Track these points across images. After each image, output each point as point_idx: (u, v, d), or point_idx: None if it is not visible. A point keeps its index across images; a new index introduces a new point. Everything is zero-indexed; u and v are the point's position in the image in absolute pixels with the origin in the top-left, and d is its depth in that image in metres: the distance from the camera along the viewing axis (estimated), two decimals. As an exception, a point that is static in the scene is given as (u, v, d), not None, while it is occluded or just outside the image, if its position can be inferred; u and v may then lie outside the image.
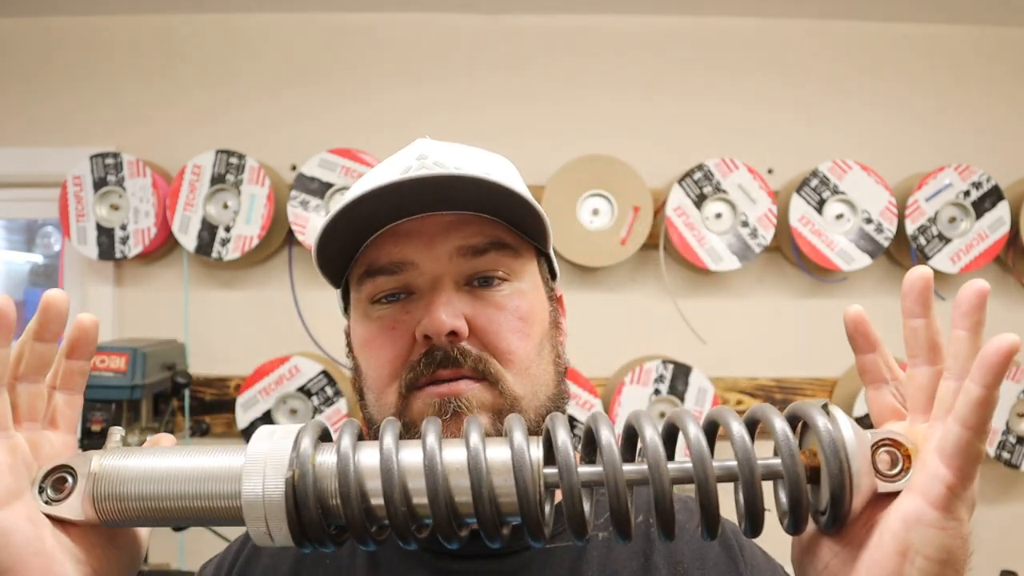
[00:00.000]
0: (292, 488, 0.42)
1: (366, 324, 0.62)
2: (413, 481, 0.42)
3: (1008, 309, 1.83)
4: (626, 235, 1.68)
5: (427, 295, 0.59)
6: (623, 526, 0.40)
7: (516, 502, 0.41)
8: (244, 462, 0.43)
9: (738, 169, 1.68)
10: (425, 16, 1.84)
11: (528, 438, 0.42)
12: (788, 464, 0.39)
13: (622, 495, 0.40)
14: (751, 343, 1.82)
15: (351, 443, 0.43)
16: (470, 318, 0.59)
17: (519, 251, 0.63)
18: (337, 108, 1.83)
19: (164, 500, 0.43)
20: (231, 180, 1.67)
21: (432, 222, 0.60)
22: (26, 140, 1.84)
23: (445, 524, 0.41)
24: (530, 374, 0.60)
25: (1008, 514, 1.82)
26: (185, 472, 0.44)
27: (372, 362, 0.61)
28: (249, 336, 1.80)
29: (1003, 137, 1.85)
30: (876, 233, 1.68)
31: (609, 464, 0.40)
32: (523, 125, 1.83)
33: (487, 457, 0.41)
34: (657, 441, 0.40)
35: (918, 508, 0.38)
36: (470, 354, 0.58)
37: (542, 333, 0.63)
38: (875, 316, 0.51)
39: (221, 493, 0.43)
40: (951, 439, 0.37)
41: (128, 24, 1.85)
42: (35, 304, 0.47)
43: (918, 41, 1.87)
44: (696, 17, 1.85)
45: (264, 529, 0.42)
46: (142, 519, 0.44)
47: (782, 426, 0.40)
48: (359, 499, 0.42)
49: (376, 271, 0.61)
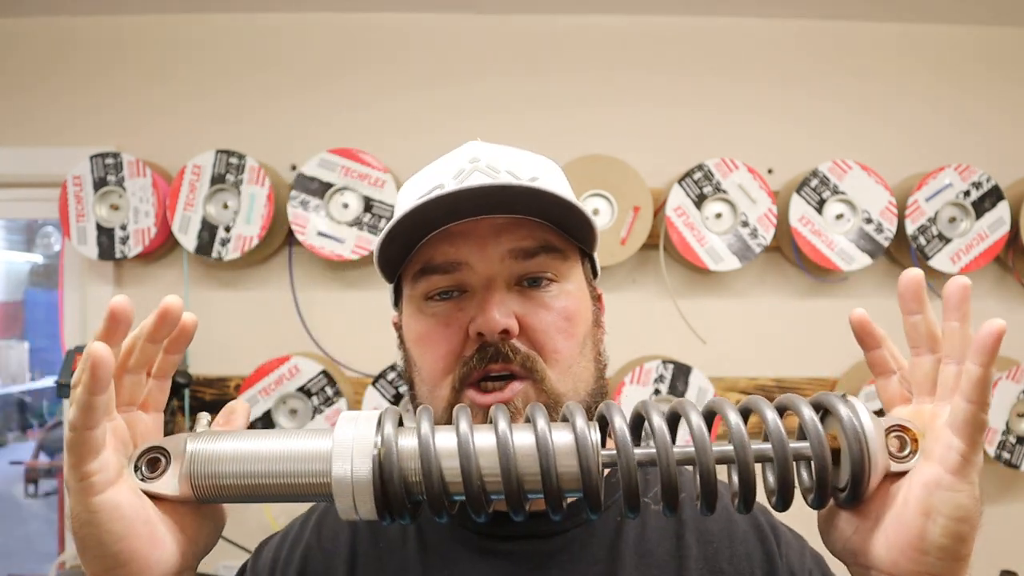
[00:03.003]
0: (379, 468, 0.47)
1: (421, 319, 0.66)
2: (486, 460, 0.47)
3: (1008, 309, 1.83)
4: (626, 235, 1.69)
5: (480, 294, 0.63)
6: (672, 500, 0.46)
7: (579, 479, 0.46)
8: (332, 445, 0.48)
9: (738, 169, 1.68)
10: (425, 16, 1.85)
11: (588, 423, 0.47)
12: (816, 447, 0.45)
13: (673, 473, 0.45)
14: (751, 343, 1.82)
15: (430, 428, 0.48)
16: (520, 317, 0.63)
17: (566, 254, 0.67)
18: (337, 108, 1.83)
19: (257, 478, 0.49)
20: (231, 180, 1.67)
21: (485, 225, 0.64)
22: (26, 140, 1.84)
23: (515, 498, 0.47)
24: (572, 372, 0.64)
25: (1008, 514, 1.82)
26: (276, 454, 0.49)
27: (427, 357, 0.65)
28: (249, 336, 1.80)
29: (1003, 137, 1.85)
30: (876, 233, 1.68)
31: (662, 446, 0.45)
32: (523, 125, 1.83)
33: (554, 439, 0.47)
34: (703, 426, 0.46)
35: (937, 475, 0.44)
36: (519, 351, 0.62)
37: (585, 332, 0.67)
38: (876, 315, 0.55)
39: (311, 472, 0.48)
40: (960, 414, 0.43)
41: (128, 24, 1.85)
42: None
43: (918, 41, 1.87)
44: (696, 17, 1.85)
45: (351, 504, 0.48)
46: (234, 496, 0.50)
47: (810, 414, 0.46)
48: (439, 477, 0.47)
49: (432, 270, 0.64)
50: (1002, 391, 1.67)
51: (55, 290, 2.05)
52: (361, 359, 1.78)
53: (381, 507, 0.48)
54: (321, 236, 1.66)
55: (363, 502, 0.47)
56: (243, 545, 1.63)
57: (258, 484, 0.49)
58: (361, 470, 0.47)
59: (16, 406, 3.97)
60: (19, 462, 3.59)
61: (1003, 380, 1.67)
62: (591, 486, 0.46)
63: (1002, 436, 1.69)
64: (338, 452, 0.47)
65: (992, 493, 1.82)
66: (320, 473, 0.48)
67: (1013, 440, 1.69)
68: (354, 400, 1.73)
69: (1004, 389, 1.67)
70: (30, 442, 3.86)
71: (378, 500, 0.47)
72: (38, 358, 3.89)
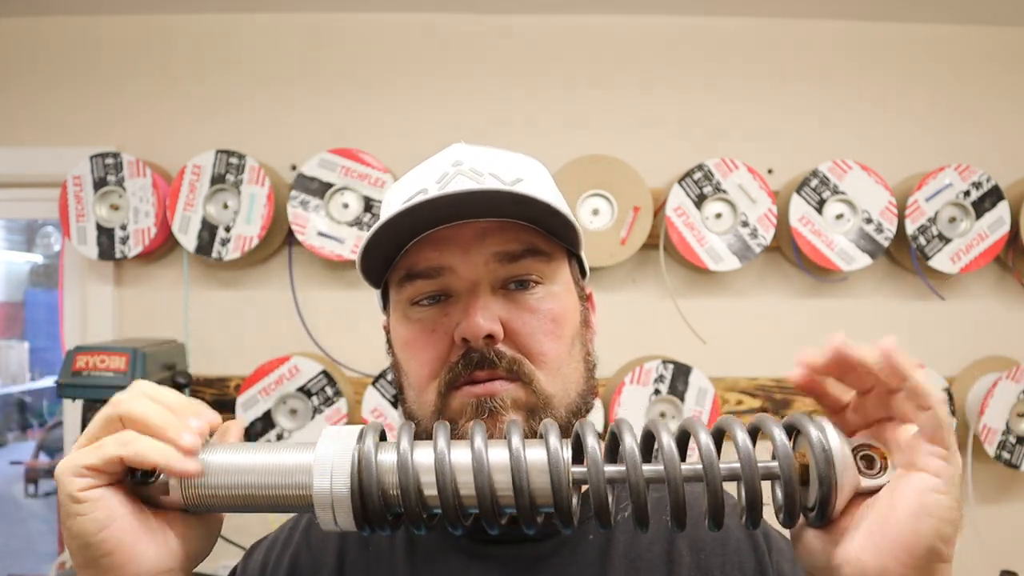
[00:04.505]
0: (358, 482, 0.49)
1: (407, 325, 0.66)
2: (462, 476, 0.49)
3: (1009, 309, 1.83)
4: (626, 235, 1.69)
5: (465, 299, 0.63)
6: (642, 517, 0.47)
7: (550, 495, 0.48)
8: (314, 461, 0.50)
9: (738, 169, 1.68)
10: (426, 16, 1.85)
11: (561, 441, 0.49)
12: (784, 467, 0.47)
13: (642, 491, 0.47)
14: (751, 343, 1.82)
15: (409, 443, 0.50)
16: (505, 321, 0.63)
17: (552, 255, 0.66)
18: (337, 108, 1.83)
19: (243, 490, 0.51)
20: (231, 180, 1.67)
21: (469, 229, 0.63)
22: (26, 140, 1.84)
23: (489, 513, 0.49)
24: (561, 373, 0.64)
25: (1008, 514, 1.82)
26: (261, 467, 0.51)
27: (413, 362, 0.66)
28: (249, 336, 1.80)
29: (1003, 137, 1.85)
30: (876, 233, 1.68)
31: (631, 464, 0.47)
32: (523, 125, 1.83)
33: (527, 457, 0.49)
34: (672, 446, 0.47)
35: (924, 480, 0.46)
36: (505, 356, 0.62)
37: (573, 333, 0.67)
38: (875, 316, 0.55)
39: (294, 484, 0.50)
40: (926, 421, 0.46)
41: (128, 24, 1.85)
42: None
43: (918, 41, 1.87)
44: (696, 17, 1.85)
45: (331, 517, 0.50)
46: (222, 506, 0.52)
47: (780, 435, 0.47)
48: (417, 491, 0.49)
49: (416, 275, 0.65)
50: (1002, 391, 1.67)
51: (55, 290, 2.05)
52: (361, 359, 1.78)
53: (360, 519, 0.50)
54: (321, 236, 1.66)
55: (343, 515, 0.49)
56: (244, 545, 1.63)
57: (244, 495, 0.51)
58: (341, 484, 0.49)
59: (16, 406, 3.96)
60: (19, 462, 3.59)
61: (1003, 380, 1.67)
62: (562, 502, 0.48)
63: (1002, 436, 1.69)
64: (319, 466, 0.49)
65: (992, 493, 1.82)
66: (302, 486, 0.50)
67: (1013, 440, 1.69)
68: (354, 400, 1.73)
69: (1004, 389, 1.67)
70: (30, 442, 3.86)
71: (357, 513, 0.49)
72: (38, 358, 3.88)
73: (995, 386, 1.67)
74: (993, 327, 1.83)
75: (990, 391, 1.67)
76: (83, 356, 1.51)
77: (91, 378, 1.49)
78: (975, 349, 1.81)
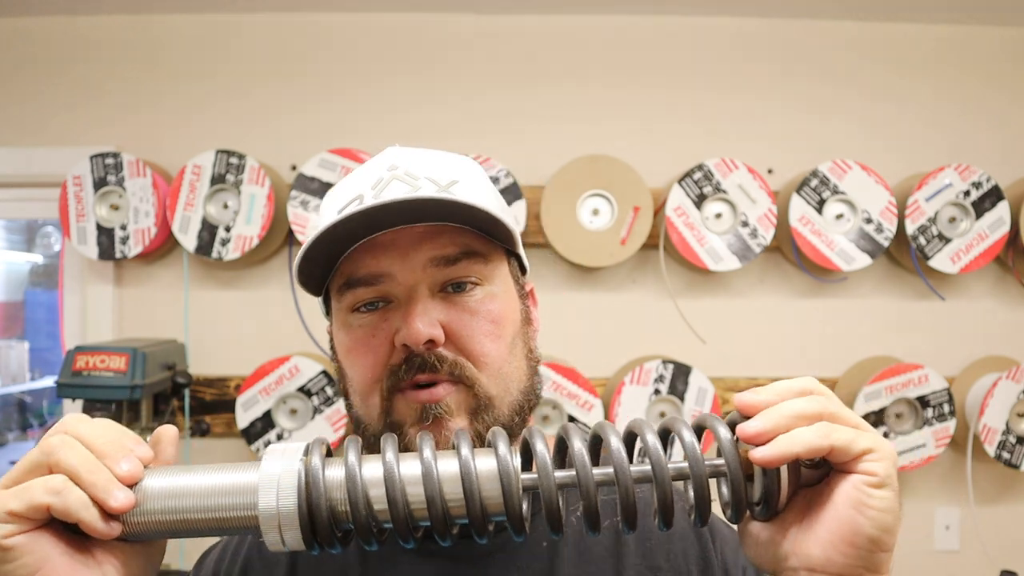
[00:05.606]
0: (306, 500, 0.48)
1: (348, 332, 0.66)
2: (412, 488, 0.48)
3: (1009, 309, 1.83)
4: (626, 235, 1.68)
5: (404, 305, 0.63)
6: (592, 520, 0.48)
7: (502, 503, 0.48)
8: (259, 479, 0.48)
9: (738, 169, 1.68)
10: (426, 16, 1.85)
11: (510, 449, 0.49)
12: (731, 465, 0.48)
13: (592, 495, 0.47)
14: (751, 343, 1.82)
15: (356, 457, 0.48)
16: (445, 324, 0.63)
17: (489, 256, 0.67)
18: (337, 108, 1.83)
19: (185, 514, 0.49)
20: (231, 180, 1.67)
21: (405, 235, 0.64)
22: (26, 140, 1.84)
23: (441, 525, 0.48)
24: (503, 373, 0.65)
25: (1008, 514, 1.82)
26: (203, 489, 0.49)
27: (355, 368, 0.66)
28: (249, 336, 1.80)
29: (1003, 137, 1.85)
30: (876, 233, 1.68)
31: (581, 469, 0.47)
32: (524, 125, 1.83)
33: (476, 466, 0.48)
34: (621, 448, 0.48)
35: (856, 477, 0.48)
36: (446, 359, 0.63)
37: (514, 332, 0.67)
38: (874, 316, 0.54)
39: (238, 505, 0.49)
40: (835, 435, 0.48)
41: (128, 24, 1.85)
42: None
43: (918, 41, 1.87)
44: (696, 17, 1.85)
45: (278, 537, 0.48)
46: (163, 533, 0.49)
47: (725, 432, 0.48)
48: (366, 506, 0.48)
49: (355, 282, 0.65)
50: (1002, 391, 1.67)
51: (55, 290, 2.06)
52: (361, 359, 1.78)
53: (309, 537, 0.48)
54: (321, 236, 1.66)
55: (290, 533, 0.48)
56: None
57: (185, 520, 0.49)
58: (287, 502, 0.47)
59: (16, 406, 3.96)
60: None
61: (1003, 380, 1.67)
62: (513, 509, 0.48)
63: (1002, 436, 1.68)
64: (264, 485, 0.48)
65: (992, 493, 1.82)
66: (247, 506, 0.48)
67: (1013, 440, 1.69)
68: (354, 400, 1.72)
69: (1004, 389, 1.67)
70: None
71: (305, 530, 0.48)
72: (38, 358, 3.88)
73: (995, 386, 1.67)
74: (993, 327, 1.83)
75: (990, 391, 1.67)
76: (83, 356, 1.51)
77: (91, 378, 1.49)
78: (975, 349, 1.81)
